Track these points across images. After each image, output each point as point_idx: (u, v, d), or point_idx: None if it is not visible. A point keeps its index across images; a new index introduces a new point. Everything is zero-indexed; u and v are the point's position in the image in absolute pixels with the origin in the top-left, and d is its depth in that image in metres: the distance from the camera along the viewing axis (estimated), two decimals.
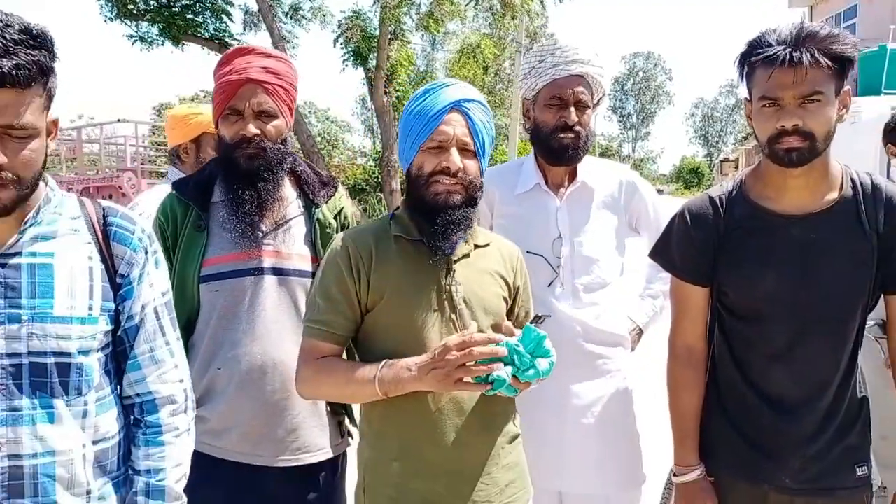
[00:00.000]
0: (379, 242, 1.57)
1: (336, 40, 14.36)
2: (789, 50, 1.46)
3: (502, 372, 1.40)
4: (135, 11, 12.26)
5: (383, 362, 1.47)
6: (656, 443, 2.31)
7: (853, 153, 8.16)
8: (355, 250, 1.55)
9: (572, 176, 2.14)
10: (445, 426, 1.52)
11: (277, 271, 1.86)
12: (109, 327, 1.31)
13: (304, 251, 1.91)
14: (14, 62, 1.11)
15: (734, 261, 1.67)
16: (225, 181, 1.87)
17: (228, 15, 13.42)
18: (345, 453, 2.05)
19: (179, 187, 1.93)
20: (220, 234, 1.84)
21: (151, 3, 12.54)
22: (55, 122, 1.26)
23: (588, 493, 2.06)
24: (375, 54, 13.75)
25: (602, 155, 55.56)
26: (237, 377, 1.80)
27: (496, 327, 1.57)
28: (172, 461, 1.37)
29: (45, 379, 1.22)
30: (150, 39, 12.67)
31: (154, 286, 1.38)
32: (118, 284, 1.32)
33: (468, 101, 1.55)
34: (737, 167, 36.65)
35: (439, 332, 1.53)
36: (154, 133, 19.84)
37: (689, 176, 61.52)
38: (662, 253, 1.81)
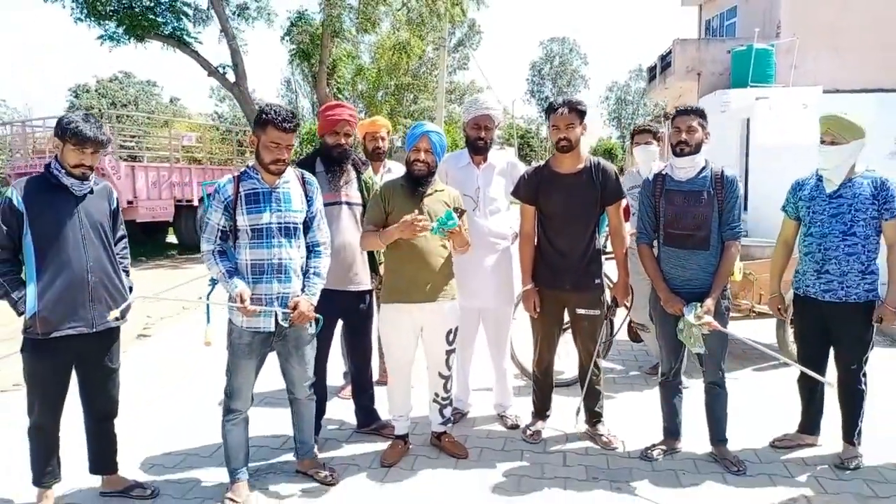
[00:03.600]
0: (395, 187, 3.73)
1: (283, 38, 16.06)
2: (560, 107, 3.64)
3: (433, 224, 3.47)
4: (102, 12, 13.61)
5: (381, 229, 3.59)
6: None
7: (722, 136, 9.10)
8: (384, 191, 3.71)
9: (485, 159, 4.25)
10: (415, 256, 3.63)
11: (348, 204, 3.97)
12: (304, 216, 3.39)
13: (357, 195, 4.04)
14: (293, 123, 3.18)
15: (543, 194, 3.82)
16: (326, 162, 3.95)
17: (186, 15, 14.86)
18: (374, 292, 4.20)
19: (300, 165, 3.98)
20: (323, 184, 3.89)
21: (116, 3, 13.82)
22: None
23: (489, 307, 4.23)
24: (319, 51, 15.58)
25: (522, 137, 57.34)
26: (332, 251, 3.83)
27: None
28: (323, 264, 3.44)
29: (290, 232, 3.29)
30: (117, 38, 14.05)
31: (318, 201, 3.46)
32: (307, 201, 3.40)
33: (430, 132, 3.67)
34: None
35: None
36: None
37: (603, 156, 61.25)
38: (515, 191, 3.98)
